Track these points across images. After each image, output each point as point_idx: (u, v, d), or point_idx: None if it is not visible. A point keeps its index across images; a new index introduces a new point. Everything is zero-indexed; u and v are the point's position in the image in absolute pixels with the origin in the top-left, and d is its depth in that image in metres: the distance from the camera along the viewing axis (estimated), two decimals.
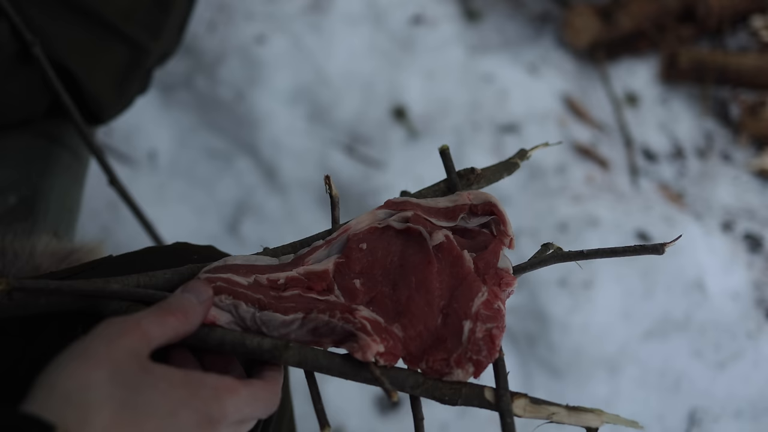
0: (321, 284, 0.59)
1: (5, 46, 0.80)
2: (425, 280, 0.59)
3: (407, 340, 0.57)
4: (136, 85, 0.94)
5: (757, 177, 1.84)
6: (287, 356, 0.55)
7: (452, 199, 0.64)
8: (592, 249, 0.60)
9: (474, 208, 0.63)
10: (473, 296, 0.58)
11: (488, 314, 0.57)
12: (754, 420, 1.46)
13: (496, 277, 0.59)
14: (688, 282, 1.56)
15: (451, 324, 0.57)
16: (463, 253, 0.60)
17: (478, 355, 0.55)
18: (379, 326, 0.56)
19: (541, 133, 1.77)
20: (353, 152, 1.68)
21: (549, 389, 1.43)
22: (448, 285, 0.59)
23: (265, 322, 0.56)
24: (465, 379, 0.55)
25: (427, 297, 0.58)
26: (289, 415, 0.75)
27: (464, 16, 2.02)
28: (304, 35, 1.80)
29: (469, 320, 0.56)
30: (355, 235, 0.62)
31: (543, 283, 1.52)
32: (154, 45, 0.90)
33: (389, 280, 0.60)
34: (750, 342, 1.53)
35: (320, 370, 0.56)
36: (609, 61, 1.97)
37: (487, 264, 0.60)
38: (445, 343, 0.56)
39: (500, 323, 0.57)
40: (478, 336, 0.56)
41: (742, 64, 1.92)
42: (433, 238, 0.60)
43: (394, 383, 0.55)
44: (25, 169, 0.90)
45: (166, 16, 0.90)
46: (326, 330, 0.56)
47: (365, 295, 0.59)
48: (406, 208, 0.63)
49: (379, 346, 0.55)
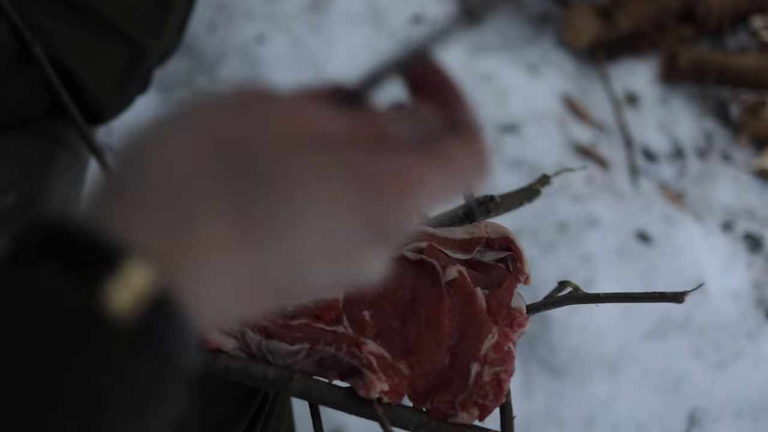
0: (330, 314, 0.58)
1: (5, 46, 0.80)
2: (436, 317, 0.58)
3: (413, 378, 0.56)
4: (137, 84, 0.94)
5: (757, 177, 1.84)
6: (292, 387, 0.55)
7: (469, 230, 0.62)
8: (608, 293, 0.60)
9: (491, 242, 0.61)
10: (483, 337, 0.57)
11: (497, 357, 0.56)
12: (754, 420, 1.46)
13: (509, 318, 0.58)
14: (688, 282, 1.56)
15: (459, 365, 0.56)
16: (476, 291, 0.59)
17: (484, 399, 0.55)
18: (386, 363, 0.56)
19: (541, 133, 1.77)
20: None
21: (549, 389, 1.43)
22: (458, 323, 0.58)
23: (271, 350, 0.55)
24: (470, 422, 0.55)
25: (436, 335, 0.57)
26: (289, 414, 0.75)
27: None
28: (304, 35, 1.80)
29: (477, 363, 0.56)
30: None
31: (543, 283, 1.52)
32: (154, 45, 0.90)
33: (399, 314, 0.59)
34: (750, 342, 1.53)
35: (324, 403, 0.55)
36: (609, 61, 1.97)
37: (500, 303, 0.59)
38: (451, 385, 0.55)
39: (509, 366, 0.56)
40: (485, 380, 0.55)
41: (742, 64, 1.92)
42: (447, 274, 0.59)
43: (398, 421, 0.55)
44: (26, 169, 0.90)
45: (166, 16, 0.90)
46: (332, 363, 0.56)
47: (374, 327, 0.58)
48: (421, 237, 0.61)
49: (384, 385, 0.54)
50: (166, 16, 0.90)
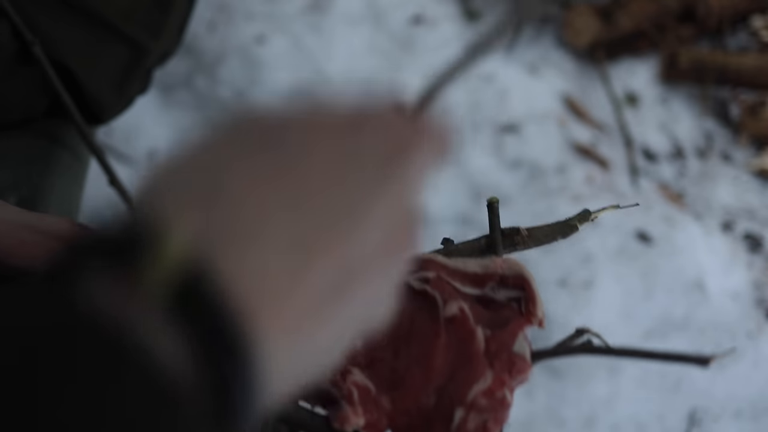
0: None
1: (5, 46, 0.80)
2: (429, 354, 0.54)
3: (395, 414, 0.53)
4: (137, 85, 0.94)
5: (757, 177, 1.84)
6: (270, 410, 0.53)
7: (483, 264, 0.58)
8: (627, 349, 0.54)
9: (505, 279, 0.58)
10: (473, 381, 0.53)
11: (487, 404, 0.52)
12: (754, 420, 1.46)
13: (508, 363, 0.54)
14: (688, 282, 1.56)
15: (443, 408, 0.53)
16: (476, 331, 0.55)
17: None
18: (368, 395, 0.53)
19: (541, 133, 1.77)
20: None
21: (549, 389, 1.43)
22: (451, 363, 0.54)
23: None
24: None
25: (426, 373, 0.54)
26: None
27: (464, 16, 2.02)
28: (304, 35, 1.80)
29: (462, 408, 0.52)
30: None
31: (543, 283, 1.53)
32: (154, 45, 0.90)
33: (392, 345, 0.56)
34: (750, 342, 1.53)
35: (303, 429, 0.54)
36: (609, 61, 1.97)
37: (501, 346, 0.54)
38: (432, 428, 0.52)
39: (499, 414, 0.52)
40: (469, 427, 0.51)
41: (742, 64, 1.92)
42: (447, 309, 0.55)
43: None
44: (26, 170, 0.90)
45: (167, 16, 0.90)
46: (313, 389, 0.53)
47: (364, 357, 0.55)
48: (429, 268, 0.57)
49: (360, 419, 0.51)
50: (166, 16, 0.90)
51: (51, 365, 0.20)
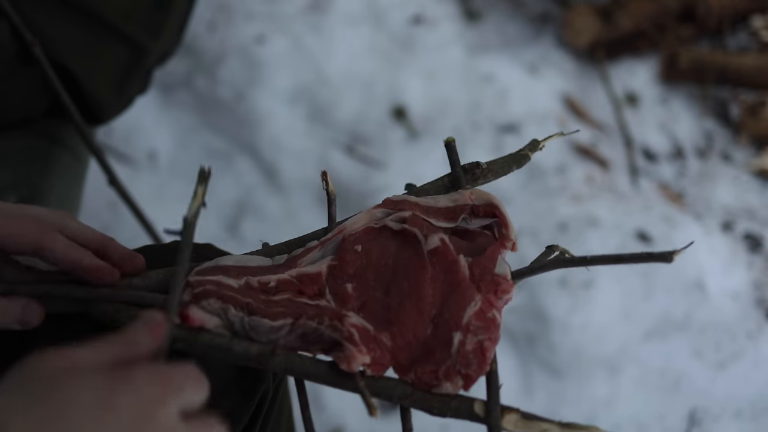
0: (312, 288, 0.58)
1: (5, 47, 0.80)
2: (418, 286, 0.57)
3: (396, 349, 0.55)
4: (136, 85, 0.94)
5: (757, 177, 1.84)
6: (274, 363, 0.54)
7: (453, 198, 0.61)
8: (596, 255, 0.56)
9: (476, 209, 0.61)
10: (465, 305, 0.56)
11: (480, 325, 0.55)
12: (754, 420, 1.46)
13: (493, 284, 0.57)
14: (688, 282, 1.56)
15: (441, 335, 0.55)
16: (459, 258, 0.58)
17: (468, 368, 0.54)
18: (368, 335, 0.55)
19: (541, 133, 1.76)
20: (353, 152, 1.68)
21: (549, 389, 1.43)
22: (441, 292, 0.57)
23: (254, 327, 0.55)
24: (454, 392, 0.54)
25: (418, 304, 0.57)
26: (288, 415, 0.75)
27: (464, 16, 2.02)
28: (304, 35, 1.80)
29: (459, 331, 0.55)
30: (350, 235, 0.60)
31: (543, 283, 1.52)
32: (154, 45, 0.90)
33: (382, 285, 0.58)
34: (750, 342, 1.53)
35: (307, 378, 0.55)
36: (609, 61, 1.97)
37: (484, 270, 0.57)
38: (434, 355, 0.55)
39: (493, 334, 0.55)
40: (468, 348, 0.54)
41: (742, 64, 1.92)
42: (428, 242, 0.58)
43: (382, 393, 0.54)
44: (26, 169, 0.90)
45: (166, 16, 0.90)
46: (315, 337, 0.55)
47: (356, 300, 0.58)
48: (404, 207, 0.61)
49: (365, 357, 0.53)
50: (166, 16, 0.90)
51: None
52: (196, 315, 0.55)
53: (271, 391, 0.65)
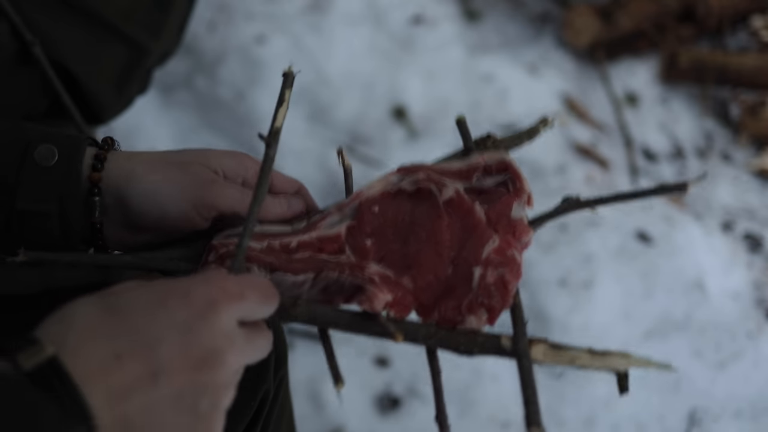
0: (332, 246, 0.59)
1: (5, 46, 0.80)
2: (435, 232, 0.58)
3: (417, 291, 0.56)
4: (136, 85, 0.94)
5: (757, 177, 1.84)
6: (296, 312, 0.55)
7: (465, 161, 0.62)
8: (611, 194, 0.58)
9: (488, 168, 0.62)
10: (483, 243, 0.56)
11: (500, 260, 0.55)
12: (754, 420, 1.46)
13: (510, 227, 0.58)
14: (688, 282, 1.56)
15: (461, 272, 0.56)
16: (474, 206, 0.59)
17: (490, 300, 0.54)
18: (389, 279, 0.56)
19: (541, 133, 1.76)
20: (353, 152, 1.68)
21: (549, 389, 1.43)
22: (458, 236, 0.58)
23: (277, 283, 0.56)
24: (479, 327, 0.53)
25: (436, 248, 0.57)
26: (289, 415, 0.75)
27: (464, 16, 2.02)
28: (304, 35, 1.80)
29: (479, 266, 0.55)
30: (367, 200, 0.61)
31: (543, 283, 1.52)
32: (154, 45, 0.90)
33: (400, 238, 0.59)
34: (750, 342, 1.53)
35: (329, 325, 0.55)
36: (609, 61, 1.97)
37: (500, 214, 0.58)
38: (455, 291, 0.55)
39: (514, 269, 0.55)
40: (489, 281, 0.54)
41: (742, 64, 1.92)
42: (443, 194, 0.59)
43: (407, 335, 0.54)
44: None
45: (166, 16, 0.90)
46: (336, 288, 0.56)
47: (376, 253, 0.59)
48: (417, 171, 0.62)
49: (387, 296, 0.54)
50: (166, 16, 0.90)
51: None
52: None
53: (272, 391, 0.65)
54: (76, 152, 0.59)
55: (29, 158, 0.57)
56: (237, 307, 0.46)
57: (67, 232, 0.58)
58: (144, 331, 0.43)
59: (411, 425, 1.33)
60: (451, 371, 1.54)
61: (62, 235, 0.59)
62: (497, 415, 1.39)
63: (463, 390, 1.39)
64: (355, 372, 1.36)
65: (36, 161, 0.57)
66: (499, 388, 1.41)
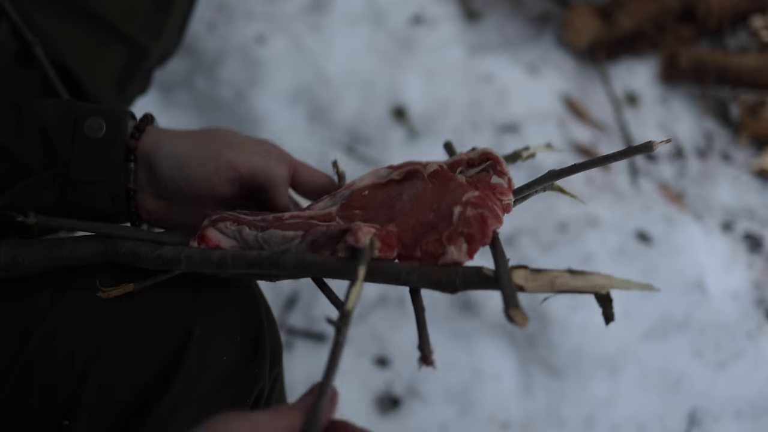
0: (323, 219, 0.62)
1: (6, 46, 0.80)
2: (419, 195, 0.61)
3: (401, 233, 0.57)
4: (137, 85, 0.94)
5: (757, 177, 1.84)
6: (285, 259, 0.56)
7: (450, 157, 0.67)
8: (585, 161, 0.61)
9: (471, 161, 0.65)
10: (464, 192, 0.58)
11: (479, 203, 0.57)
12: (754, 420, 1.46)
13: (490, 187, 0.60)
14: (688, 282, 1.56)
15: (442, 213, 0.58)
16: (456, 176, 0.62)
17: (469, 228, 0.55)
18: (373, 227, 0.58)
19: (541, 133, 1.77)
20: (353, 152, 1.68)
21: (549, 389, 1.43)
22: (440, 195, 0.60)
23: (267, 239, 0.59)
24: (460, 259, 0.54)
25: (420, 203, 0.60)
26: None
27: (464, 16, 2.02)
28: (304, 35, 1.80)
29: (459, 206, 0.57)
30: (358, 188, 0.65)
31: None
32: (154, 45, 0.90)
33: (386, 205, 0.62)
34: (750, 342, 1.53)
35: (317, 271, 0.56)
36: (609, 61, 1.97)
37: (480, 180, 0.61)
38: (437, 228, 0.56)
39: (493, 212, 0.56)
40: (469, 215, 0.56)
41: (742, 64, 1.92)
42: (427, 168, 0.63)
43: (389, 273, 0.55)
44: None
45: (167, 16, 0.90)
46: (324, 240, 0.57)
47: (363, 218, 0.61)
48: (403, 167, 0.66)
49: (371, 229, 0.55)
50: (167, 16, 0.90)
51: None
52: (212, 235, 0.60)
53: (267, 389, 0.66)
54: (121, 124, 0.63)
55: (79, 131, 0.61)
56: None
57: (115, 198, 0.63)
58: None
59: (411, 425, 1.33)
60: (451, 371, 1.55)
61: (112, 203, 0.63)
62: (497, 415, 1.39)
63: (463, 390, 1.39)
64: (355, 372, 1.36)
65: (86, 134, 0.61)
66: (499, 388, 1.41)
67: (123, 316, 0.59)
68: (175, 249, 0.60)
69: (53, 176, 0.60)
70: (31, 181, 0.60)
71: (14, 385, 0.57)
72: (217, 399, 0.60)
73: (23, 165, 0.60)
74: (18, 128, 0.61)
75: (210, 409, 0.60)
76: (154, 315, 0.60)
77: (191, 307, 0.61)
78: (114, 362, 0.58)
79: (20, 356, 0.57)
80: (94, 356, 0.57)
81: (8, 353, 0.58)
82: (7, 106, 0.62)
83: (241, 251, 0.58)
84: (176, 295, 0.61)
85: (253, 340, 0.63)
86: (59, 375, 0.57)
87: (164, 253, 0.59)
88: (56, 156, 0.61)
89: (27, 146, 0.60)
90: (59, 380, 0.57)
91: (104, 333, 0.58)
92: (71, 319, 0.59)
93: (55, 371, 0.57)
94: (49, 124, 0.61)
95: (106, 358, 0.57)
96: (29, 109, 0.62)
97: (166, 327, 0.59)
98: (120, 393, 0.57)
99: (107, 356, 0.57)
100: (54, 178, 0.60)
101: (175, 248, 0.60)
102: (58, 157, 0.61)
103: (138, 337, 0.59)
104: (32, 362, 0.57)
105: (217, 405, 0.60)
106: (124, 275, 0.60)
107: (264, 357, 0.64)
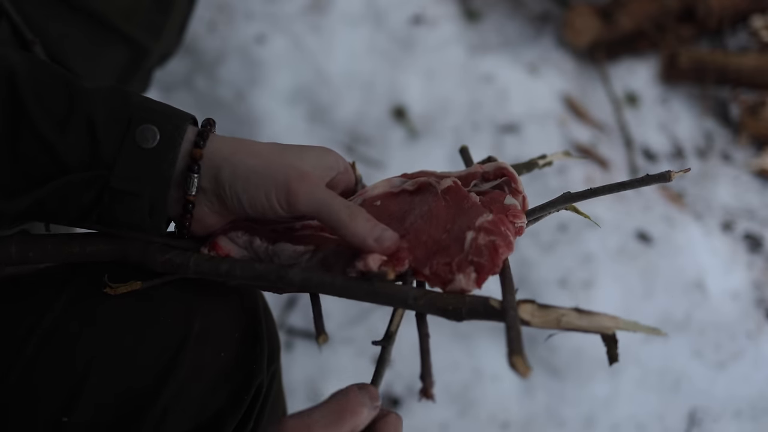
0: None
1: (5, 46, 0.80)
2: (432, 210, 0.60)
3: (412, 248, 0.57)
4: (137, 85, 0.94)
5: (757, 177, 1.84)
6: (292, 275, 0.56)
7: (465, 169, 0.66)
8: (601, 186, 0.61)
9: (486, 175, 0.64)
10: (478, 216, 0.58)
11: (492, 229, 0.57)
12: (754, 420, 1.46)
13: (503, 209, 0.60)
14: (688, 282, 1.56)
15: (455, 234, 0.57)
16: (470, 194, 0.62)
17: (480, 257, 0.55)
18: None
19: (541, 133, 1.77)
20: (353, 152, 1.68)
21: (549, 389, 1.43)
22: (453, 214, 0.60)
23: (277, 252, 0.59)
24: (467, 288, 0.54)
25: (432, 220, 0.60)
26: (283, 408, 0.75)
27: (464, 16, 2.02)
28: (304, 35, 1.80)
29: (472, 231, 0.57)
30: (371, 197, 0.64)
31: (543, 283, 1.53)
32: (154, 45, 0.90)
33: (398, 218, 0.62)
34: (750, 342, 1.53)
35: (324, 288, 0.56)
36: (609, 61, 1.97)
37: (493, 200, 0.61)
38: (448, 250, 0.56)
39: (505, 240, 0.56)
40: (480, 242, 0.56)
41: (742, 64, 1.92)
42: (441, 184, 0.62)
43: (397, 296, 0.54)
44: None
45: (167, 16, 0.90)
46: (335, 258, 0.58)
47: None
48: (419, 176, 0.65)
49: (382, 257, 0.56)
50: (167, 16, 0.90)
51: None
52: (224, 244, 0.60)
53: (265, 385, 0.66)
54: (177, 135, 0.57)
55: (130, 137, 0.56)
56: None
57: (153, 213, 0.57)
58: None
59: (411, 425, 1.33)
60: (451, 371, 1.55)
61: (149, 215, 0.58)
62: (497, 415, 1.39)
63: (463, 390, 1.39)
64: (355, 372, 1.36)
65: (137, 141, 0.56)
66: (499, 388, 1.41)
67: (123, 314, 0.59)
68: (185, 254, 0.59)
69: (93, 178, 0.55)
70: (67, 180, 0.55)
71: (15, 383, 0.57)
72: (215, 395, 0.61)
73: (63, 163, 0.55)
74: (65, 118, 0.55)
75: (209, 404, 0.60)
76: (154, 313, 0.60)
77: (191, 305, 0.61)
78: (114, 360, 0.58)
79: (21, 355, 0.57)
80: (94, 355, 0.57)
81: (9, 352, 0.58)
82: (61, 87, 0.56)
83: (250, 263, 0.58)
84: (176, 292, 0.61)
85: (251, 337, 0.64)
86: (60, 373, 0.57)
87: (173, 258, 0.59)
88: (100, 158, 0.55)
89: (71, 142, 0.55)
90: (60, 378, 0.57)
91: (105, 331, 0.58)
92: (71, 318, 0.59)
93: (56, 369, 0.57)
94: (100, 119, 0.55)
95: (106, 357, 0.58)
96: (81, 96, 0.55)
97: (166, 324, 0.59)
98: (120, 390, 0.57)
99: (107, 355, 0.58)
100: (94, 181, 0.55)
101: (185, 254, 0.59)
102: (101, 159, 0.55)
103: (138, 335, 0.59)
104: (33, 361, 0.57)
105: (216, 401, 0.61)
106: (124, 275, 0.60)
107: (262, 353, 0.64)
